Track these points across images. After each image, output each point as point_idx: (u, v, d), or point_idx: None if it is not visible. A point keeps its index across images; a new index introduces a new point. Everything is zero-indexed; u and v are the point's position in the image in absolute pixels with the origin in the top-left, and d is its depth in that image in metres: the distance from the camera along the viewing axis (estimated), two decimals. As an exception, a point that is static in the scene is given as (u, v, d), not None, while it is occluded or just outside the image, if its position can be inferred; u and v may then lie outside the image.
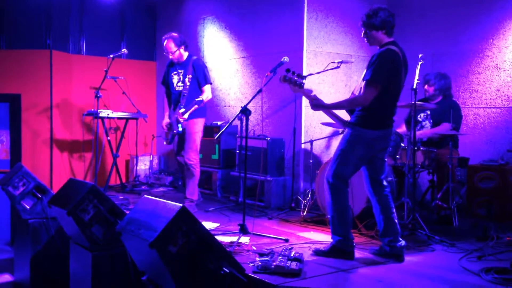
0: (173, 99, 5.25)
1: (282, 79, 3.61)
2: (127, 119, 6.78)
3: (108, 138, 6.60)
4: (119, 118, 6.76)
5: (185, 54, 5.23)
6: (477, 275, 3.21)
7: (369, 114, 3.57)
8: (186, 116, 5.04)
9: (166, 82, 5.37)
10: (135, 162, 7.18)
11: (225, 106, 6.91)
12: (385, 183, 3.77)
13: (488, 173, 4.91)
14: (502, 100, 5.31)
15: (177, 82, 5.21)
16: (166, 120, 5.27)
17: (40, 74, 6.69)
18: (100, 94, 6.07)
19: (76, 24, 7.39)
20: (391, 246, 3.64)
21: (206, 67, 5.28)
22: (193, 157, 5.13)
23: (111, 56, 6.09)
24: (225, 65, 6.90)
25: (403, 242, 3.67)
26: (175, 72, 5.25)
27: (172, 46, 5.13)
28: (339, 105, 3.76)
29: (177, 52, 5.16)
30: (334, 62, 4.97)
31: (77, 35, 7.41)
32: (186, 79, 5.07)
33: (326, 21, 5.78)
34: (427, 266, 3.49)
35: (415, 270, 3.39)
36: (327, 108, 3.72)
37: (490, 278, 3.12)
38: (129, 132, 6.98)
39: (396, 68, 3.54)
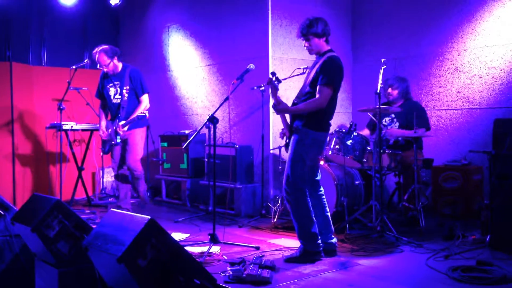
0: (112, 110, 5.22)
1: (268, 82, 3.80)
2: (91, 130, 6.65)
3: (73, 150, 6.46)
4: (83, 130, 6.62)
5: (120, 65, 5.20)
6: (445, 274, 3.28)
7: (319, 117, 3.73)
8: (126, 128, 5.02)
9: (102, 95, 5.31)
10: (101, 175, 7.05)
11: (192, 114, 6.87)
12: (319, 182, 3.94)
13: (452, 173, 5.04)
14: (463, 102, 5.46)
15: (114, 94, 5.16)
16: (103, 129, 5.21)
17: (0, 87, 6.50)
18: (63, 106, 5.93)
19: (37, 34, 7.22)
20: (326, 243, 3.83)
21: (142, 76, 5.25)
22: (137, 167, 5.17)
23: (74, 66, 5.97)
24: (191, 73, 6.87)
25: (335, 239, 3.89)
26: (111, 84, 5.20)
27: (104, 59, 5.08)
28: (300, 109, 3.80)
29: (111, 64, 5.12)
30: (299, 68, 5.01)
31: (38, 46, 7.25)
32: (124, 91, 5.05)
33: (291, 28, 5.83)
34: (396, 268, 3.55)
35: (385, 273, 3.43)
36: (291, 113, 3.86)
37: (457, 277, 3.19)
38: (94, 143, 6.85)
39: (342, 72, 3.77)
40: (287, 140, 3.89)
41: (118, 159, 5.30)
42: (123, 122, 5.04)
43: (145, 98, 5.16)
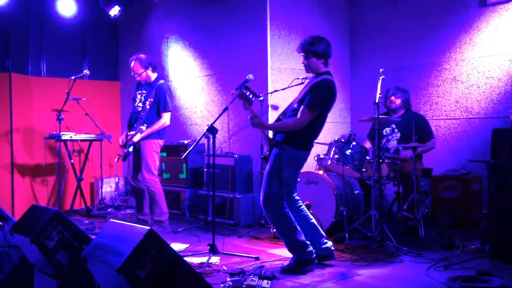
0: (132, 118, 5.23)
1: (240, 95, 3.73)
2: (90, 140, 6.65)
3: (72, 161, 6.45)
4: (82, 140, 6.62)
5: (153, 76, 5.22)
6: (445, 285, 3.27)
7: (300, 136, 3.69)
8: (135, 139, 4.98)
9: (132, 102, 5.36)
10: (100, 185, 7.03)
11: (191, 124, 6.87)
12: (297, 197, 3.90)
13: (451, 182, 5.04)
14: (461, 112, 5.48)
15: (138, 102, 5.18)
16: (123, 137, 5.21)
17: (-1, 98, 6.51)
18: (62, 116, 5.94)
19: (36, 45, 7.24)
20: (320, 249, 3.81)
21: (170, 93, 5.24)
22: (149, 179, 5.07)
23: (73, 77, 5.99)
24: (190, 84, 6.88)
25: (329, 243, 3.87)
26: (139, 92, 5.24)
27: (138, 68, 5.12)
28: (278, 127, 3.78)
29: (144, 74, 5.15)
30: (298, 78, 5.04)
31: (37, 56, 7.27)
32: (147, 102, 5.04)
33: (289, 38, 5.86)
34: (397, 278, 3.53)
35: (385, 283, 3.42)
36: (267, 129, 3.86)
37: (457, 287, 3.18)
38: (93, 154, 6.85)
39: (332, 97, 3.73)
40: (267, 153, 3.84)
41: (131, 169, 5.26)
42: (133, 132, 5.02)
43: (166, 116, 5.11)
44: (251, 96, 3.72)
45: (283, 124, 3.73)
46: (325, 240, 3.88)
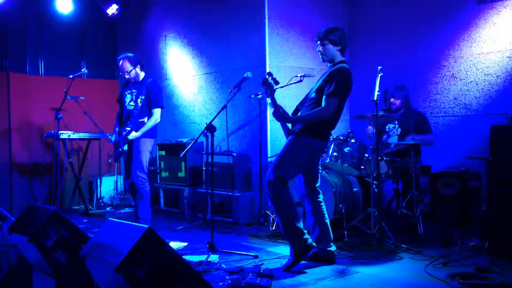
0: (123, 117, 5.21)
1: (263, 82, 3.77)
2: (89, 139, 6.65)
3: (70, 159, 6.44)
4: (81, 139, 6.61)
5: (142, 74, 5.21)
6: (444, 282, 3.27)
7: (320, 125, 3.67)
8: (130, 136, 4.98)
9: (120, 101, 5.32)
10: (99, 183, 7.03)
11: (190, 123, 6.87)
12: (319, 189, 3.91)
13: (449, 179, 5.04)
14: (459, 108, 5.48)
15: (129, 102, 5.16)
16: (114, 137, 5.20)
17: (-3, 97, 6.51)
18: (61, 115, 5.93)
19: (34, 44, 7.22)
20: (325, 251, 3.80)
21: (160, 90, 5.23)
22: (140, 176, 5.05)
23: (71, 76, 5.98)
24: (189, 82, 6.87)
25: (334, 247, 3.85)
26: (129, 91, 5.21)
27: (127, 66, 5.11)
28: (304, 119, 3.77)
29: (133, 72, 5.13)
30: (297, 76, 5.02)
31: (35, 55, 7.25)
32: (139, 100, 5.03)
33: (287, 36, 5.85)
34: (396, 275, 3.53)
35: (384, 280, 3.42)
36: (293, 122, 3.81)
37: (456, 284, 3.18)
38: (91, 152, 6.84)
39: (350, 85, 3.75)
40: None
41: (125, 172, 5.26)
42: (128, 129, 5.01)
43: (156, 112, 5.11)
44: (272, 83, 3.72)
45: (308, 116, 3.70)
46: (332, 243, 3.87)
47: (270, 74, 3.81)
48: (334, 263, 3.80)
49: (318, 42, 3.81)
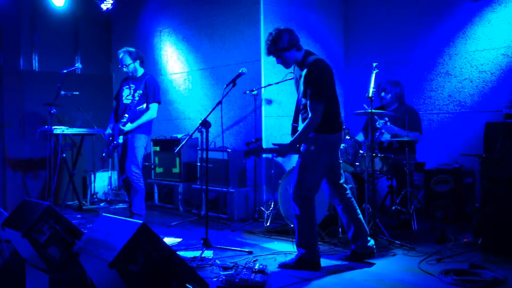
0: (120, 111, 5.19)
1: (246, 154, 3.61)
2: (83, 135, 6.62)
3: (64, 155, 6.41)
4: (74, 134, 6.58)
5: (140, 70, 5.20)
6: (437, 278, 3.28)
7: (326, 120, 3.59)
8: (126, 128, 4.96)
9: (118, 97, 5.31)
10: (93, 179, 7.00)
11: (184, 118, 6.85)
12: (345, 185, 3.87)
13: (443, 176, 5.06)
14: (454, 106, 5.49)
15: (127, 96, 5.16)
16: (109, 131, 5.18)
17: (-10, 92, 6.46)
18: (54, 110, 5.89)
19: (28, 39, 7.18)
20: (364, 247, 3.77)
21: (158, 85, 5.22)
22: (134, 171, 5.03)
23: (65, 71, 5.94)
24: (184, 78, 6.86)
25: (372, 241, 3.83)
26: (127, 86, 5.21)
27: (127, 59, 5.11)
28: (303, 135, 3.61)
29: (132, 66, 5.12)
30: (292, 72, 4.99)
31: (29, 50, 7.20)
32: (136, 94, 5.03)
33: (283, 32, 5.83)
34: (389, 271, 3.54)
35: (378, 276, 3.43)
36: (295, 144, 3.64)
37: (449, 280, 3.20)
38: (85, 148, 6.81)
39: (329, 74, 3.61)
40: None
41: (119, 168, 5.24)
42: (124, 120, 4.99)
43: (153, 107, 5.10)
44: (255, 146, 3.58)
45: (305, 129, 3.57)
46: (369, 238, 3.83)
47: (247, 151, 3.61)
48: (375, 256, 3.78)
49: (273, 57, 3.68)
